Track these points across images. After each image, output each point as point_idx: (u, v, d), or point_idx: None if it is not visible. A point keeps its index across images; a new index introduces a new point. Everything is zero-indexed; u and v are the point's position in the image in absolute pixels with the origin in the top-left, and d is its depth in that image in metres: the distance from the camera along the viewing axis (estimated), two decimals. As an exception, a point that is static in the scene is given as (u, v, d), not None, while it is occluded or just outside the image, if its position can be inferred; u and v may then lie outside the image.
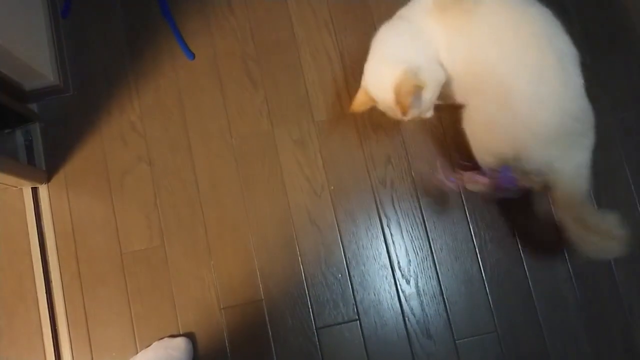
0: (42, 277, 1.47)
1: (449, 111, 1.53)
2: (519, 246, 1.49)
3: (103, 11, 1.62)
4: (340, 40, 1.60)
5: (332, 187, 1.51)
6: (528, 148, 1.17)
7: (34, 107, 1.54)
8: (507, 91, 1.14)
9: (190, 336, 1.43)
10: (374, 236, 1.49)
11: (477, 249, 1.48)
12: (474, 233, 1.49)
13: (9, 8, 1.36)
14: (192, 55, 1.57)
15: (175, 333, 1.44)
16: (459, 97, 1.30)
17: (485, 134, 1.26)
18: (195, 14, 1.61)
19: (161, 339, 1.43)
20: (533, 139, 1.16)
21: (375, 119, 1.54)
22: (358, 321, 1.44)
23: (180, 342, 1.39)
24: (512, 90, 1.14)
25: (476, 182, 1.32)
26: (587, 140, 1.18)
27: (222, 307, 1.45)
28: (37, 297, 1.46)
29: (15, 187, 1.50)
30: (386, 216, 1.50)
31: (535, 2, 1.17)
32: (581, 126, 1.16)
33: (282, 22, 1.61)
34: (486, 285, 1.46)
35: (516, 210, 1.50)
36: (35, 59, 1.44)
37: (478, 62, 1.18)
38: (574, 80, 1.14)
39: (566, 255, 1.48)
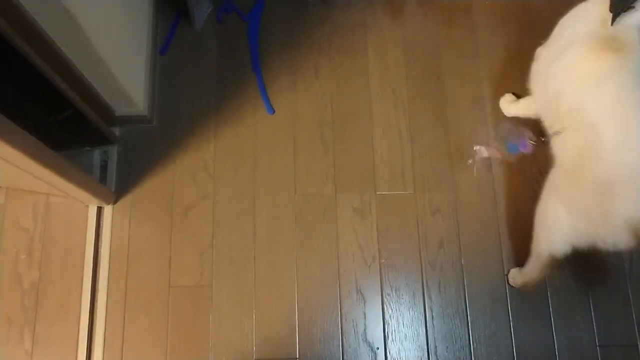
0: (89, 294, 1.50)
1: (506, 209, 1.59)
2: (556, 350, 1.50)
3: (198, 55, 1.72)
4: (413, 123, 1.68)
5: (383, 260, 1.55)
6: (613, 188, 1.19)
7: (116, 130, 1.63)
8: (600, 127, 1.20)
9: (218, 380, 1.44)
10: (416, 316, 1.52)
11: (514, 349, 1.50)
12: (514, 334, 1.51)
13: (120, 37, 1.47)
14: (273, 111, 1.66)
15: (204, 374, 1.45)
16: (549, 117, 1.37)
17: (573, 169, 1.29)
18: (283, 73, 1.71)
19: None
20: (618, 178, 1.18)
21: (434, 203, 1.60)
22: (388, 399, 1.45)
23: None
24: (605, 127, 1.20)
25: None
26: None
27: (255, 357, 1.47)
28: (80, 311, 1.49)
29: (83, 202, 1.56)
30: (430, 298, 1.53)
31: None
32: None
33: (362, 95, 1.70)
34: (519, 388, 1.47)
35: (558, 314, 1.53)
36: (132, 87, 1.54)
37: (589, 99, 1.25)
38: None
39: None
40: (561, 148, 1.33)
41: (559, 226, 1.34)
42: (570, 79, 1.30)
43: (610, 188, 1.18)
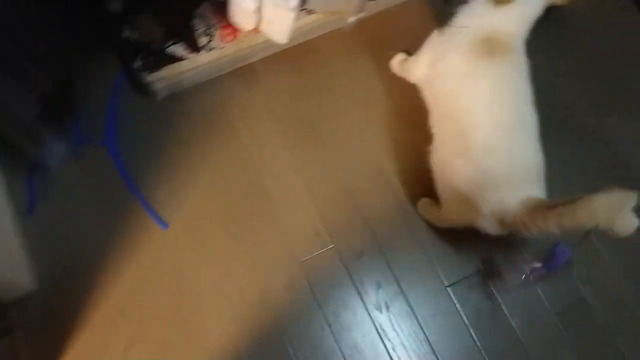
0: None
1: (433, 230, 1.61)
2: (518, 333, 1.54)
3: (70, 199, 1.60)
4: (306, 179, 1.66)
5: (331, 324, 1.52)
6: (480, 187, 1.29)
7: (13, 316, 1.49)
8: (469, 131, 1.29)
9: None
10: (383, 364, 1.50)
11: (482, 352, 1.52)
12: (477, 338, 1.53)
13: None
14: (166, 225, 1.59)
15: None
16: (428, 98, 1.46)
17: (446, 167, 1.39)
18: (164, 183, 1.62)
19: None
20: (483, 181, 1.28)
21: (356, 247, 1.59)
22: None
23: None
24: (472, 131, 1.29)
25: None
26: (536, 186, 1.29)
27: None
28: None
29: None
30: (389, 340, 1.52)
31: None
32: (530, 177, 1.28)
33: (248, 172, 1.65)
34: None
35: (507, 300, 1.56)
36: (7, 269, 1.41)
37: (461, 95, 1.34)
38: (528, 137, 1.28)
39: None
40: (439, 133, 1.41)
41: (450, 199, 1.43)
42: (450, 78, 1.34)
43: (476, 184, 1.29)
